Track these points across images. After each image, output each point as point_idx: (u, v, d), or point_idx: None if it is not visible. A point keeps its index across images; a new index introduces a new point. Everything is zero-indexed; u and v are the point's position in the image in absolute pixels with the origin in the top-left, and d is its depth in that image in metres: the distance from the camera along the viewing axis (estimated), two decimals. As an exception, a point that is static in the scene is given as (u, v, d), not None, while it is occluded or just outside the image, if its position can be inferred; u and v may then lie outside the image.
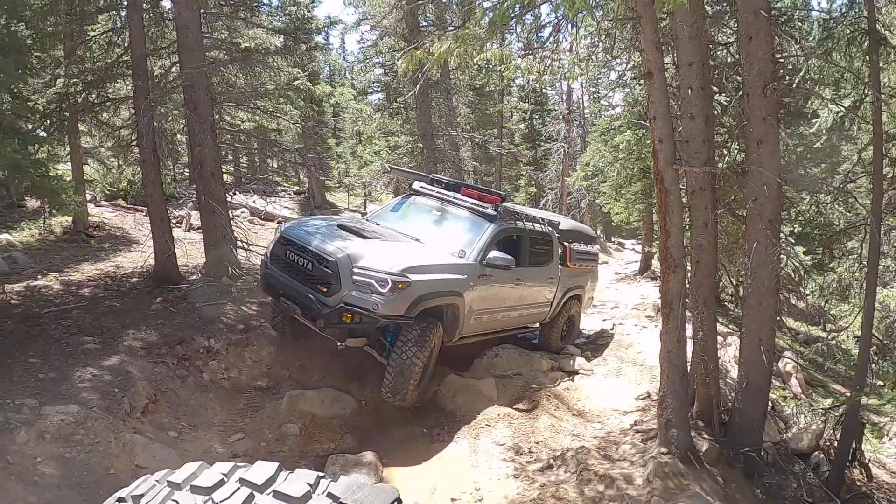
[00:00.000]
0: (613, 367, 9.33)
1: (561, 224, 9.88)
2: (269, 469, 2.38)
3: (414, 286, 6.80)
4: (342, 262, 6.74)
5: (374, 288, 6.64)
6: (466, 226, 8.30)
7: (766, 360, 5.61)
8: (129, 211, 17.24)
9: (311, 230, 7.52)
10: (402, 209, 9.05)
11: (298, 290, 7.02)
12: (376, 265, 6.75)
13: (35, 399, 5.80)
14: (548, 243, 9.42)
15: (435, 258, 7.43)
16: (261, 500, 2.24)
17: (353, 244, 7.10)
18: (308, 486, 2.30)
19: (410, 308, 6.80)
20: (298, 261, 7.16)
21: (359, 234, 7.50)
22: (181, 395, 6.92)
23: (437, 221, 8.57)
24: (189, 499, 2.26)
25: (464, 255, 7.77)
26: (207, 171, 9.67)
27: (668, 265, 5.14)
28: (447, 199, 8.69)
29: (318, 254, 6.94)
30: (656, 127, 4.87)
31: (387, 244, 7.48)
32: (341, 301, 6.66)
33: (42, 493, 4.72)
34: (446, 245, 7.91)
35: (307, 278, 7.02)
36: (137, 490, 2.37)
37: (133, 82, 9.48)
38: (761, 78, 5.09)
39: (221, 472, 2.39)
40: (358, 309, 6.62)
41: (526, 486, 5.55)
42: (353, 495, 2.29)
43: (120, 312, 8.47)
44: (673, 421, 5.40)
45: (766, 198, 5.20)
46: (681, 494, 4.95)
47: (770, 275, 5.38)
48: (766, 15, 5.01)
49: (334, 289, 6.72)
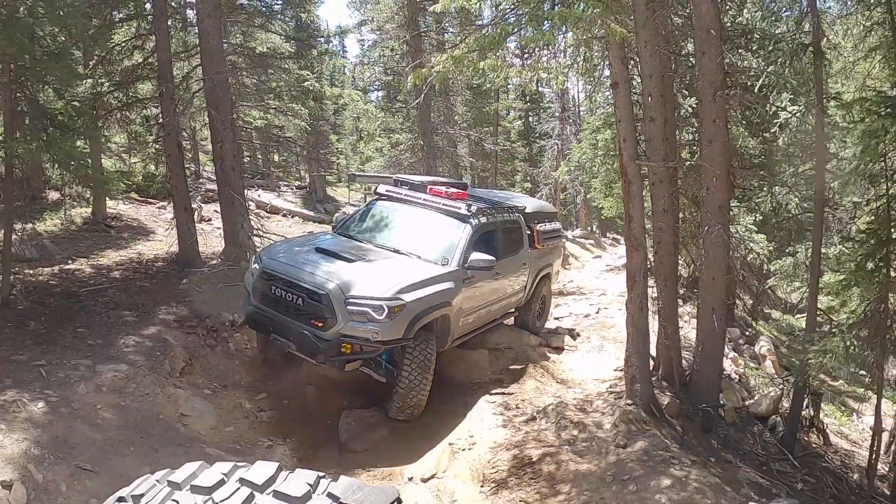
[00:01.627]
0: (596, 345, 10.27)
1: (526, 207, 9.86)
2: (269, 469, 2.39)
3: (409, 307, 6.68)
4: (334, 294, 6.51)
5: (370, 316, 6.49)
6: (443, 230, 8.06)
7: (717, 327, 6.57)
8: (142, 203, 18.12)
9: (291, 260, 7.22)
10: (372, 216, 8.76)
11: (291, 327, 6.77)
12: (369, 292, 6.59)
13: (89, 360, 6.72)
14: (518, 230, 9.34)
15: (421, 272, 7.25)
16: (261, 500, 2.25)
17: (339, 271, 6.89)
18: (308, 485, 2.30)
19: (408, 329, 6.71)
20: (286, 296, 6.86)
21: (341, 257, 7.25)
22: (211, 361, 7.88)
23: (412, 227, 8.27)
24: (189, 498, 2.27)
25: (447, 263, 7.62)
26: (228, 165, 10.62)
27: (631, 244, 6.13)
28: (417, 201, 8.45)
29: (307, 288, 6.69)
30: (621, 128, 5.84)
31: (373, 266, 7.18)
32: (339, 333, 6.50)
33: (105, 433, 5.64)
34: (425, 252, 7.75)
35: (298, 314, 6.76)
36: (137, 490, 2.37)
37: (160, 84, 10.41)
38: (711, 86, 6.05)
39: (221, 471, 2.40)
40: (358, 339, 6.50)
41: (512, 433, 6.53)
42: (353, 495, 2.30)
43: (151, 291, 9.43)
44: (637, 377, 6.39)
45: (715, 187, 6.17)
46: (641, 435, 5.91)
47: (720, 253, 6.34)
48: (716, 34, 5.96)
49: (330, 322, 6.52)
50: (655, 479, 5.14)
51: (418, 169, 18.14)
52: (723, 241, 6.28)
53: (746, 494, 5.48)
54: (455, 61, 5.48)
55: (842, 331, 5.75)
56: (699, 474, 5.32)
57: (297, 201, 27.78)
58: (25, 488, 4.61)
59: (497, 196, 10.41)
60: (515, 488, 5.55)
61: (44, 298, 8.87)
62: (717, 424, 7.14)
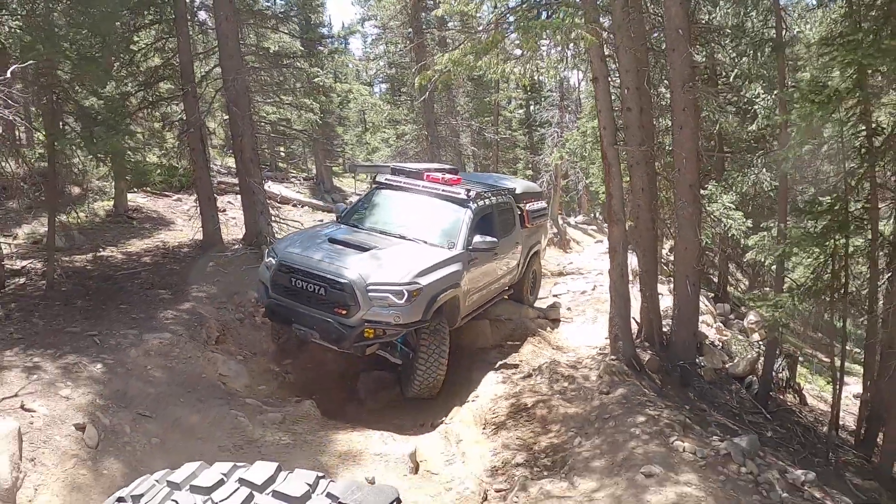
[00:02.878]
0: (590, 317, 11.11)
1: (517, 189, 10.37)
2: (269, 469, 2.41)
3: (425, 290, 7.07)
4: (357, 282, 6.87)
5: (390, 301, 6.86)
6: (445, 215, 8.44)
7: (691, 292, 7.43)
8: (158, 196, 19.01)
9: (308, 252, 7.51)
10: (375, 204, 9.08)
11: (314, 316, 7.10)
12: (388, 278, 6.97)
13: (135, 330, 7.62)
14: (510, 210, 9.78)
15: (432, 257, 7.61)
16: (260, 500, 2.27)
17: (357, 260, 7.23)
18: (307, 485, 2.32)
19: (426, 311, 7.11)
20: (308, 287, 7.16)
21: (355, 246, 7.58)
22: (241, 332, 8.77)
23: (416, 214, 8.62)
24: (188, 498, 2.28)
25: (453, 246, 8.01)
26: (247, 157, 11.48)
27: (612, 219, 6.98)
28: (416, 188, 8.79)
29: (329, 278, 7.01)
30: (602, 117, 6.68)
31: (387, 253, 7.52)
32: (362, 319, 6.88)
33: (157, 388, 6.54)
34: (431, 237, 8.13)
35: (320, 303, 7.10)
36: (137, 490, 2.39)
37: (183, 84, 11.26)
38: (681, 79, 6.87)
39: (221, 471, 2.41)
40: (380, 324, 6.89)
41: (511, 387, 7.42)
42: (352, 495, 2.32)
43: (181, 273, 10.32)
44: (619, 336, 7.26)
45: (685, 168, 7.00)
46: (622, 384, 6.78)
47: (691, 225, 7.19)
48: (683, 33, 6.78)
49: (353, 310, 6.88)
50: (632, 417, 6.02)
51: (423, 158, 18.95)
52: (693, 216, 7.12)
53: (712, 432, 6.36)
54: (455, 63, 6.33)
55: (791, 289, 6.59)
56: (671, 414, 6.20)
57: (305, 192, 28.63)
58: (96, 430, 5.51)
59: (487, 179, 10.97)
60: (512, 429, 6.45)
61: (84, 281, 9.77)
62: (694, 380, 8.00)
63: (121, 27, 11.01)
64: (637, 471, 5.09)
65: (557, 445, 5.99)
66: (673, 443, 5.58)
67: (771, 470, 5.78)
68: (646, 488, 4.84)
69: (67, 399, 5.78)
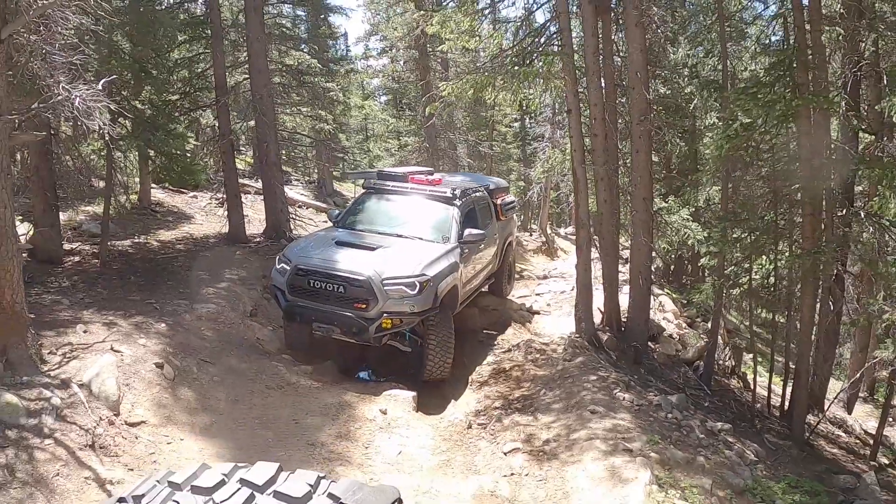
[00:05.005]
0: (566, 312, 12.75)
1: (490, 185, 11.30)
2: (270, 469, 2.44)
3: (432, 280, 7.80)
4: (373, 278, 7.56)
5: (404, 293, 7.59)
6: (435, 213, 9.18)
7: (643, 285, 9.11)
8: (176, 193, 20.60)
9: (321, 255, 8.15)
10: (367, 208, 9.74)
11: (336, 313, 7.76)
12: (400, 272, 7.68)
13: (186, 301, 9.24)
14: (488, 205, 10.61)
15: (432, 251, 8.36)
16: (261, 501, 2.29)
17: (369, 259, 7.88)
18: (308, 486, 2.35)
19: (435, 300, 7.82)
20: (327, 286, 7.79)
21: (362, 246, 8.27)
22: (269, 309, 10.36)
23: (407, 214, 9.31)
24: (190, 499, 2.30)
25: (447, 240, 8.76)
26: (271, 161, 13.13)
27: (578, 224, 8.74)
28: (404, 190, 9.50)
29: (348, 277, 7.68)
30: (573, 141, 8.41)
31: (393, 250, 8.23)
32: (381, 311, 7.59)
33: (210, 343, 8.15)
34: (426, 234, 8.88)
35: (340, 300, 7.75)
36: (138, 490, 2.40)
37: (217, 95, 12.92)
38: (638, 112, 8.57)
39: (222, 472, 2.44)
40: (397, 314, 7.61)
41: (494, 358, 9.13)
42: (353, 496, 2.34)
43: (212, 259, 11.93)
44: (583, 318, 8.94)
45: (640, 183, 8.71)
46: (582, 355, 8.45)
47: (644, 229, 8.86)
48: (641, 76, 8.48)
49: (372, 304, 7.58)
50: (586, 376, 7.70)
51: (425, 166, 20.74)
52: (646, 223, 8.83)
53: (651, 391, 8.03)
54: (457, 95, 8.05)
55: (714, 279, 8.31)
56: (618, 376, 7.88)
57: (309, 194, 30.25)
58: (171, 368, 7.12)
59: (463, 178, 11.90)
60: (493, 385, 8.17)
61: (131, 262, 11.39)
62: (644, 358, 9.65)
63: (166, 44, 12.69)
64: (585, 409, 6.77)
65: (527, 396, 7.67)
66: (616, 394, 7.26)
67: (693, 419, 7.47)
68: (590, 420, 6.52)
69: (144, 346, 7.37)
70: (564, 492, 5.42)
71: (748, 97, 6.65)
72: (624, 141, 9.72)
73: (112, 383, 6.29)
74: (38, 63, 6.72)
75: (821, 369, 11.51)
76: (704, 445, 6.82)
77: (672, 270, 17.73)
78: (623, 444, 5.96)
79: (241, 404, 6.94)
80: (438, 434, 6.90)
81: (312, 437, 6.43)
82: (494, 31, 9.26)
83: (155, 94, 10.59)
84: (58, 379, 6.05)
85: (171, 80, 13.55)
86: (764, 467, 7.14)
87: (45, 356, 6.61)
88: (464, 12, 8.70)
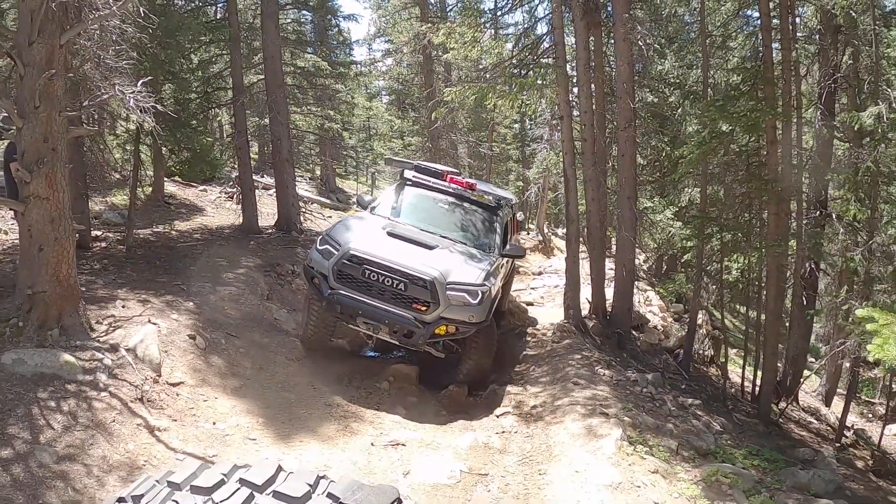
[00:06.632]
0: (558, 304, 13.68)
1: (513, 200, 11.04)
2: (269, 469, 2.45)
3: (491, 292, 7.58)
4: (438, 281, 7.14)
5: (467, 300, 7.24)
6: (479, 220, 8.87)
7: (626, 277, 10.01)
8: (186, 186, 21.46)
9: (378, 246, 7.55)
10: (405, 201, 9.17)
11: (389, 311, 7.24)
12: (463, 279, 7.34)
13: (209, 284, 10.09)
14: (513, 219, 10.64)
15: (488, 262, 8.02)
16: (261, 501, 2.29)
17: (432, 259, 7.46)
18: (308, 486, 2.36)
19: (490, 311, 7.59)
20: (384, 280, 7.25)
21: (419, 243, 7.77)
22: (283, 293, 11.27)
23: (450, 216, 8.92)
24: (189, 499, 2.31)
25: (491, 251, 8.47)
26: (283, 157, 14.02)
27: (568, 220, 9.63)
28: (446, 189, 9.05)
29: (412, 275, 7.18)
30: (564, 146, 9.32)
31: (452, 254, 7.86)
32: (439, 316, 7.21)
33: (234, 320, 9.02)
34: (471, 240, 8.57)
35: (397, 298, 7.25)
36: (137, 490, 2.41)
37: (235, 95, 13.80)
38: (624, 120, 9.47)
39: (221, 472, 2.44)
40: (455, 321, 7.25)
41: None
42: (352, 496, 2.35)
43: (229, 248, 12.80)
44: (570, 305, 9.84)
45: (625, 184, 9.61)
46: (569, 338, 9.35)
47: (629, 226, 9.76)
48: (628, 86, 9.38)
49: (433, 307, 7.17)
50: (571, 355, 8.60)
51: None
52: (629, 220, 9.73)
53: (630, 371, 8.93)
54: (459, 102, 8.96)
55: (685, 271, 9.22)
56: (600, 356, 8.79)
57: (313, 190, 31.18)
58: (203, 339, 7.99)
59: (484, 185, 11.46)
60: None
61: (153, 248, 12.26)
62: (627, 344, 10.56)
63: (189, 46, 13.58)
64: (569, 381, 7.68)
65: (518, 372, 8.58)
66: (597, 370, 8.17)
67: (667, 395, 8.37)
68: (572, 389, 7.42)
69: (177, 320, 8.23)
70: (548, 445, 6.30)
71: (717, 109, 7.57)
72: (612, 145, 10.60)
73: (154, 349, 7.16)
74: (90, 65, 7.64)
75: (794, 361, 12.46)
76: (675, 416, 7.72)
77: (665, 270, 18.72)
78: (600, 409, 6.84)
79: (264, 371, 7.82)
80: (439, 402, 7.80)
81: (329, 399, 7.32)
82: (495, 42, 10.14)
83: (179, 92, 11.44)
84: (107, 343, 6.92)
85: (192, 80, 14.57)
86: (729, 438, 8.05)
87: (94, 325, 7.48)
88: (467, 25, 9.58)
